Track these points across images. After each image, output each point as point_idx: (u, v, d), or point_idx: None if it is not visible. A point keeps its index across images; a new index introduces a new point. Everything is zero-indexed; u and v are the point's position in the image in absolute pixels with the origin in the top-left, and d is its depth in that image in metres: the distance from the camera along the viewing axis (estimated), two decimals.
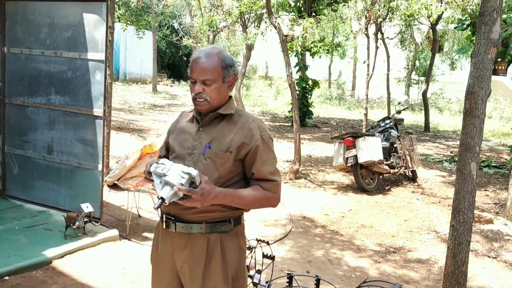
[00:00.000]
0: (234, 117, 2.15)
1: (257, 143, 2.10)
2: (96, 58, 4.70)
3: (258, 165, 2.11)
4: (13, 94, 5.22)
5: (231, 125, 2.14)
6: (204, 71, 2.07)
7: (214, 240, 2.12)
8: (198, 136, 2.16)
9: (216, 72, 2.08)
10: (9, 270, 3.84)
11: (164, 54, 26.32)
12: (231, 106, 2.18)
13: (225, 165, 2.10)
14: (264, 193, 2.12)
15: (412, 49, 18.55)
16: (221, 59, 2.09)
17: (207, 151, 2.11)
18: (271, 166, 2.15)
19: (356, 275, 4.42)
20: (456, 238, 3.51)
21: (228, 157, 2.09)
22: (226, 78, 2.12)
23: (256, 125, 2.13)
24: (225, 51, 2.15)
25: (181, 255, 2.15)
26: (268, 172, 2.12)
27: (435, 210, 6.50)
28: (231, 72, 2.13)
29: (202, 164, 2.10)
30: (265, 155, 2.12)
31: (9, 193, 5.38)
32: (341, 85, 25.18)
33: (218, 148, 2.10)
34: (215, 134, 2.13)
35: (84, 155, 4.88)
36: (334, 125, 15.25)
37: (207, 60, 2.08)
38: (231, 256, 2.16)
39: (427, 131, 14.66)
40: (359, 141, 7.07)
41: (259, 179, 2.12)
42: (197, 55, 2.10)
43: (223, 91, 2.13)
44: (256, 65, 29.04)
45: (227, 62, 2.11)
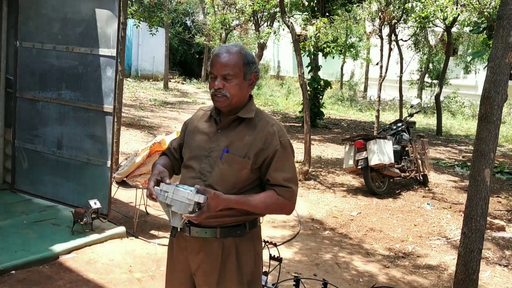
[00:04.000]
0: (254, 120, 2.10)
1: (276, 148, 2.05)
2: (107, 54, 4.68)
3: (274, 171, 2.06)
4: (24, 88, 5.23)
5: (250, 129, 2.09)
6: (225, 66, 2.03)
7: (229, 245, 2.10)
8: (216, 138, 2.11)
9: (237, 68, 2.04)
10: (16, 264, 3.84)
11: (176, 51, 26.37)
12: (251, 108, 2.13)
13: (242, 171, 2.06)
14: (277, 199, 2.06)
15: (426, 51, 18.36)
16: (243, 55, 2.07)
17: (224, 155, 2.06)
18: (287, 172, 2.08)
19: (364, 279, 4.36)
20: (467, 246, 3.45)
21: (245, 163, 2.05)
22: (247, 76, 2.09)
23: (275, 130, 2.08)
24: (246, 49, 2.13)
25: (195, 258, 2.13)
26: (283, 178, 2.06)
27: (445, 216, 6.41)
28: (252, 70, 2.10)
29: (219, 168, 2.06)
30: (282, 161, 2.07)
31: (18, 187, 5.39)
32: (353, 86, 25.02)
33: (236, 153, 2.05)
34: (233, 138, 2.08)
35: (93, 151, 4.87)
36: (345, 126, 15.15)
37: (228, 55, 2.04)
38: (246, 261, 2.13)
39: (439, 135, 14.50)
40: (370, 143, 6.99)
41: (273, 185, 2.07)
42: (219, 50, 2.08)
43: (244, 88, 2.09)
44: (268, 64, 28.96)
45: (249, 59, 2.09)
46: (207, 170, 2.08)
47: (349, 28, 15.18)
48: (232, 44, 2.13)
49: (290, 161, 2.11)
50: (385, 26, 11.36)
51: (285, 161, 2.08)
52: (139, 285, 3.84)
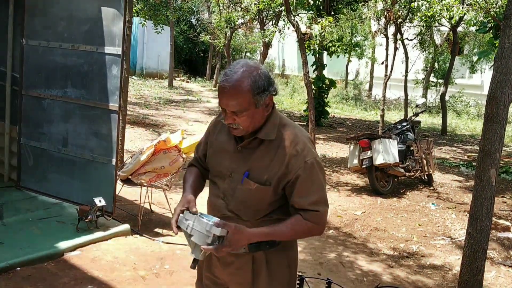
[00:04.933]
0: (276, 139, 1.91)
1: (298, 172, 1.87)
2: (113, 52, 4.69)
3: (298, 196, 1.90)
4: (30, 86, 5.24)
5: (272, 149, 1.91)
6: (231, 104, 1.82)
7: (259, 258, 2.01)
8: (237, 158, 1.96)
9: (246, 102, 1.81)
10: (21, 261, 3.86)
11: (181, 49, 26.38)
12: (273, 126, 1.92)
13: (264, 197, 1.93)
14: (305, 224, 1.91)
15: (432, 51, 18.30)
16: (251, 86, 1.80)
17: (245, 180, 1.92)
18: (313, 195, 1.90)
19: (368, 279, 4.36)
20: (472, 246, 3.44)
21: (267, 190, 1.91)
22: (260, 103, 1.84)
23: (299, 150, 1.89)
24: (257, 70, 1.83)
25: (225, 271, 2.08)
26: (309, 202, 1.90)
27: (450, 216, 6.39)
28: (265, 96, 1.85)
29: (240, 194, 1.95)
30: (307, 185, 1.89)
31: (24, 185, 5.41)
32: (358, 85, 24.98)
33: (257, 178, 1.90)
34: (254, 160, 1.93)
35: (99, 149, 4.88)
36: (349, 125, 15.13)
37: (233, 92, 1.80)
38: (279, 273, 2.05)
39: (444, 134, 14.46)
40: (375, 143, 6.98)
41: (299, 209, 1.92)
42: (223, 84, 1.81)
43: (258, 116, 1.87)
44: (273, 63, 28.95)
45: (260, 86, 1.82)
46: (229, 193, 1.98)
47: (355, 27, 15.16)
48: (239, 68, 1.82)
49: (317, 182, 1.92)
50: (391, 25, 11.33)
51: (310, 184, 1.90)
52: (143, 283, 3.85)
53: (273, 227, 1.90)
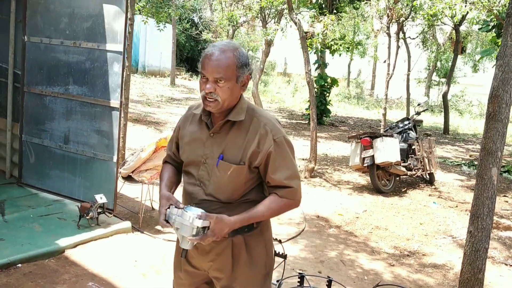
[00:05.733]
0: (246, 121, 2.02)
1: (270, 149, 1.99)
2: (114, 50, 4.69)
3: (272, 173, 2.02)
4: (31, 83, 5.25)
5: (242, 131, 2.02)
6: (218, 69, 1.91)
7: (238, 243, 2.09)
8: (210, 143, 2.05)
9: (230, 71, 1.93)
10: (22, 257, 3.87)
11: (183, 47, 26.38)
12: (241, 109, 2.04)
13: (239, 176, 2.02)
14: (282, 201, 2.04)
15: (434, 49, 18.27)
16: (236, 56, 1.94)
17: (220, 162, 2.01)
18: (286, 171, 2.02)
19: (369, 277, 4.35)
20: (473, 245, 3.43)
21: (241, 169, 2.00)
22: (240, 78, 1.97)
23: (269, 129, 2.01)
24: (240, 48, 1.99)
25: (205, 258, 2.13)
26: (283, 178, 2.01)
27: (452, 215, 6.38)
28: (246, 72, 1.98)
29: (216, 177, 2.03)
30: (279, 161, 2.01)
31: (25, 181, 5.42)
32: (360, 84, 24.96)
33: (231, 160, 2.00)
34: (227, 143, 2.02)
35: (100, 146, 4.88)
36: (351, 124, 15.11)
37: (221, 57, 1.91)
38: (257, 255, 2.14)
39: (446, 133, 14.44)
40: (376, 141, 6.97)
41: (274, 186, 2.04)
42: (211, 50, 1.93)
43: (236, 91, 1.98)
44: (275, 61, 28.92)
45: (243, 61, 1.96)
46: (205, 178, 2.06)
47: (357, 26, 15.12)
48: (225, 42, 1.99)
49: (288, 158, 2.04)
50: (393, 23, 11.30)
51: (282, 160, 2.02)
52: (144, 280, 3.85)
53: (252, 211, 2.00)
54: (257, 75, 12.47)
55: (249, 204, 2.05)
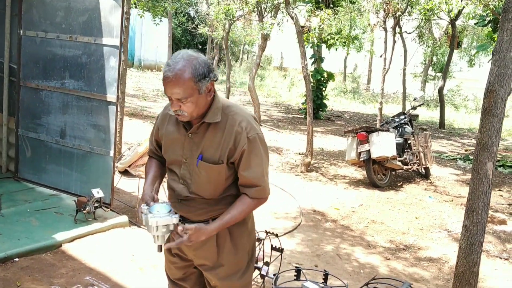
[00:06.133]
0: (222, 120, 2.06)
1: (244, 147, 2.04)
2: (110, 44, 4.67)
3: (243, 170, 2.08)
4: (27, 77, 5.23)
5: (219, 130, 2.06)
6: (176, 91, 1.92)
7: (223, 234, 2.18)
8: (188, 144, 2.10)
9: (188, 89, 1.93)
10: (19, 252, 3.87)
11: (179, 41, 26.29)
12: (217, 109, 2.06)
13: (220, 175, 2.08)
14: (252, 201, 2.12)
15: (430, 44, 18.29)
16: (192, 74, 1.92)
17: (200, 163, 2.08)
18: (256, 169, 2.08)
19: (365, 271, 4.38)
20: (468, 239, 3.45)
21: (221, 167, 2.06)
22: (202, 89, 1.97)
23: (243, 127, 2.05)
24: (197, 59, 1.95)
25: (190, 248, 2.21)
26: (253, 177, 2.08)
27: (447, 209, 6.42)
28: (207, 82, 1.97)
29: (197, 176, 2.10)
30: (251, 159, 2.07)
31: (22, 176, 5.41)
32: (356, 78, 24.97)
33: (210, 159, 2.06)
34: (205, 143, 2.07)
35: (96, 140, 4.88)
36: (347, 118, 15.14)
37: (176, 80, 1.91)
38: (241, 243, 2.23)
39: (442, 128, 14.48)
40: (372, 136, 6.99)
41: (244, 186, 2.11)
42: (166, 74, 1.92)
43: (201, 101, 2.00)
44: (271, 55, 28.88)
45: (200, 73, 1.94)
46: (187, 177, 2.13)
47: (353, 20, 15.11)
48: (179, 59, 1.93)
49: (259, 156, 2.09)
50: (390, 18, 11.30)
51: (254, 158, 2.07)
52: (141, 273, 3.87)
53: (226, 217, 2.08)
54: (253, 70, 12.45)
55: (231, 197, 2.14)
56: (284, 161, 8.49)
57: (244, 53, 28.99)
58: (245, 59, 28.63)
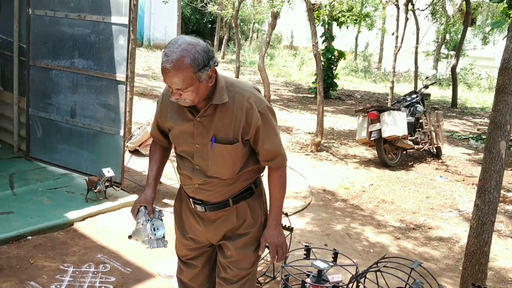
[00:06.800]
0: (229, 99, 2.01)
1: (258, 123, 2.03)
2: (119, 22, 4.64)
3: (262, 144, 2.08)
4: (37, 57, 5.22)
5: (228, 110, 2.01)
6: (175, 82, 1.87)
7: (242, 208, 2.21)
8: (199, 128, 2.04)
9: (188, 80, 1.86)
10: (32, 230, 3.92)
11: (188, 20, 26.09)
12: (222, 89, 2.00)
13: (236, 153, 2.06)
14: (280, 171, 2.17)
15: (443, 21, 17.93)
16: (191, 64, 1.84)
17: (214, 145, 2.03)
18: (273, 140, 2.10)
19: (375, 250, 4.38)
20: (480, 218, 3.43)
21: (236, 146, 2.04)
22: (203, 77, 1.89)
23: (252, 103, 2.02)
24: (196, 47, 1.86)
25: (211, 226, 2.23)
26: (273, 149, 2.10)
27: (458, 188, 6.37)
28: (207, 70, 1.89)
29: (213, 160, 2.07)
30: (268, 131, 2.07)
31: (33, 155, 5.45)
32: (367, 57, 24.65)
33: (224, 140, 2.03)
34: (215, 125, 2.03)
35: (106, 120, 4.88)
36: (358, 98, 15.00)
37: (175, 71, 1.84)
38: (256, 216, 2.25)
39: (454, 107, 14.30)
40: (384, 115, 6.92)
41: (267, 160, 2.13)
42: (164, 65, 1.85)
43: (203, 88, 1.94)
44: (281, 34, 28.57)
45: (200, 62, 1.85)
46: (203, 163, 2.10)
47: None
48: (177, 48, 1.84)
49: (273, 126, 2.10)
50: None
51: (269, 129, 2.08)
52: (151, 252, 3.89)
53: (275, 202, 2.18)
54: (263, 48, 12.34)
55: (248, 173, 2.16)
56: (294, 140, 8.46)
57: (254, 32, 28.72)
58: (254, 38, 28.39)
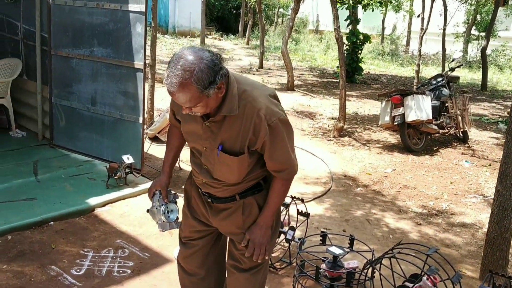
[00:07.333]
0: (240, 107, 1.93)
1: (265, 137, 1.96)
2: (136, 10, 4.65)
3: (269, 157, 2.04)
4: (58, 46, 5.30)
5: (237, 120, 1.95)
6: (183, 102, 1.82)
7: (249, 202, 2.19)
8: (207, 133, 2.01)
9: (195, 99, 1.80)
10: (54, 215, 4.02)
11: (213, 6, 26.08)
12: (232, 98, 1.91)
13: (242, 164, 2.03)
14: (284, 182, 2.14)
15: (474, 2, 17.39)
16: (196, 85, 1.75)
17: (220, 153, 2.01)
18: (282, 154, 2.03)
19: (394, 236, 4.32)
20: (501, 204, 3.34)
21: (242, 158, 2.01)
22: (211, 93, 1.81)
23: (262, 115, 1.92)
24: (199, 65, 1.75)
25: (217, 216, 2.23)
26: (280, 162, 2.06)
27: (484, 173, 6.21)
28: (214, 86, 1.80)
29: (219, 166, 2.06)
30: (276, 145, 2.00)
31: (57, 143, 5.56)
32: (394, 40, 24.15)
33: (230, 151, 2.00)
34: (223, 133, 1.99)
35: (126, 107, 4.93)
36: (384, 82, 14.74)
37: (180, 94, 1.77)
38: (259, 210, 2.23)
39: (484, 90, 13.90)
40: (407, 99, 6.78)
41: (273, 170, 2.10)
42: (169, 89, 1.78)
43: (213, 101, 1.87)
44: (307, 18, 28.27)
45: (205, 82, 1.76)
46: (209, 165, 2.10)
47: None
48: (178, 69, 1.75)
49: (282, 139, 2.00)
50: None
51: (278, 143, 2.00)
52: (170, 237, 3.94)
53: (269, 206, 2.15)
54: (286, 33, 12.24)
55: (255, 174, 2.14)
56: (317, 126, 8.39)
57: (279, 17, 28.48)
58: (279, 22, 28.15)
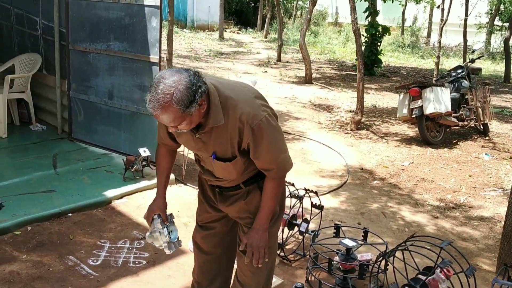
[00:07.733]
0: (225, 117, 1.99)
1: (249, 139, 2.02)
2: (151, 4, 4.68)
3: (255, 157, 2.09)
4: (76, 41, 5.37)
5: (223, 129, 2.02)
6: (167, 122, 1.88)
7: (253, 188, 2.26)
8: (198, 144, 2.12)
9: (178, 118, 1.85)
10: (72, 207, 4.09)
11: (231, 0, 26.05)
12: (217, 108, 1.96)
13: (237, 165, 2.13)
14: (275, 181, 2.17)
15: None
16: (177, 107, 1.80)
17: (215, 161, 2.12)
18: (267, 154, 2.07)
19: (410, 229, 4.29)
20: None
21: (236, 161, 2.10)
22: (193, 111, 1.85)
23: (244, 119, 1.97)
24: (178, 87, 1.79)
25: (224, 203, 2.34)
26: (266, 162, 2.11)
27: (504, 166, 6.10)
28: (195, 105, 1.84)
29: (217, 169, 2.18)
30: (260, 146, 2.04)
31: (75, 136, 5.66)
32: (415, 32, 23.76)
33: (223, 157, 2.10)
34: (214, 142, 2.07)
35: (142, 101, 4.97)
36: (404, 74, 14.55)
37: (163, 115, 1.83)
38: None
39: (507, 82, 13.62)
40: (426, 91, 6.69)
41: (262, 169, 2.16)
42: (152, 112, 1.84)
43: (196, 117, 1.91)
44: (326, 11, 28.03)
45: (185, 102, 1.81)
46: (210, 168, 2.24)
47: None
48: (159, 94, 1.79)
49: (267, 139, 2.04)
50: None
51: (262, 144, 2.03)
52: (185, 229, 3.98)
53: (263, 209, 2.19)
54: (304, 26, 12.17)
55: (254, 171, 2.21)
56: (334, 119, 8.34)
57: (298, 10, 28.31)
58: (298, 15, 27.98)
